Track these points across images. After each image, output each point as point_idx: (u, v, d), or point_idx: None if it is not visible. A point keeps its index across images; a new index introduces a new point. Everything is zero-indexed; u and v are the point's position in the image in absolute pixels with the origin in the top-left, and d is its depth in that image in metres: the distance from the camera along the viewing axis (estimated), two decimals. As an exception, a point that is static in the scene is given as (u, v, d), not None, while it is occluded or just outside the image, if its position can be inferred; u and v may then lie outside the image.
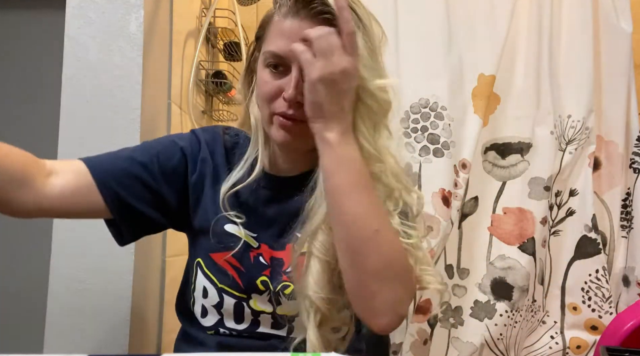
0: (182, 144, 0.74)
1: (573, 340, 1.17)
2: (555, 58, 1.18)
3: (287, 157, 0.73)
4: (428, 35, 1.15)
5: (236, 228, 0.71)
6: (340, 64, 0.56)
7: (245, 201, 0.72)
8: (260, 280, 0.71)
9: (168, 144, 0.74)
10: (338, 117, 0.58)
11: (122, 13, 0.96)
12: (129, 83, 0.94)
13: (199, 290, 0.73)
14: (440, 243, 1.12)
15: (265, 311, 0.71)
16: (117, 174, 0.68)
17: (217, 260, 0.72)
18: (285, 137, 0.66)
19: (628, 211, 1.21)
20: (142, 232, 0.73)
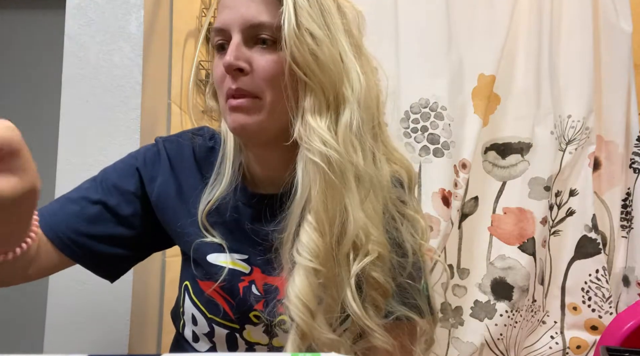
0: (137, 165, 0.67)
1: (573, 340, 1.17)
2: (555, 58, 1.18)
3: (259, 161, 0.64)
4: (428, 35, 1.15)
5: (220, 257, 0.64)
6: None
7: (229, 220, 0.65)
8: (253, 314, 0.64)
9: (125, 168, 0.67)
10: None
11: (122, 13, 0.96)
12: (129, 83, 0.94)
13: (187, 315, 0.68)
14: (440, 243, 1.12)
15: (261, 342, 0.65)
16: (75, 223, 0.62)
17: (204, 289, 0.65)
18: (235, 121, 0.57)
19: (628, 211, 1.21)
20: (125, 267, 0.68)
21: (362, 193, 0.57)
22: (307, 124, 0.55)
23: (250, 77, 0.57)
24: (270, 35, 0.56)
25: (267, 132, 0.59)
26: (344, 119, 0.57)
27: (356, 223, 0.56)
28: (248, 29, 0.57)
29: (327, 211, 0.55)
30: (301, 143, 0.56)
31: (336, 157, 0.55)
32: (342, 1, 0.62)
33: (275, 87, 0.57)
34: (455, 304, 1.18)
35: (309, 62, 0.54)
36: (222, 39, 0.59)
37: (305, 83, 0.56)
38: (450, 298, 1.18)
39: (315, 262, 0.54)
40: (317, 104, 0.56)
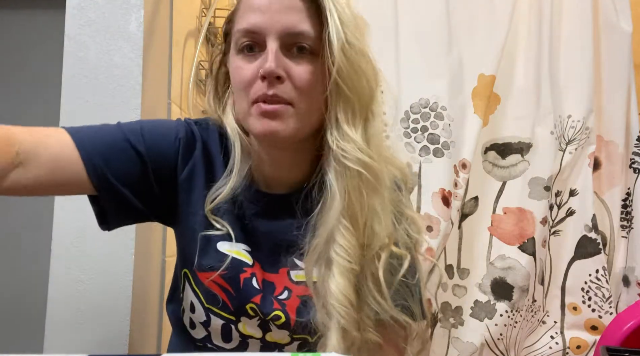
0: (179, 135, 0.66)
1: (573, 340, 1.17)
2: (555, 58, 1.18)
3: (272, 162, 0.65)
4: (428, 35, 1.15)
5: (225, 245, 0.65)
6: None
7: (237, 214, 0.66)
8: (249, 306, 0.65)
9: (164, 130, 0.67)
10: None
11: (122, 13, 0.96)
12: (129, 83, 0.94)
13: (186, 303, 0.68)
14: (440, 243, 1.12)
15: (254, 336, 0.66)
16: (104, 151, 0.61)
17: (203, 279, 0.65)
18: (267, 126, 0.58)
19: (628, 211, 1.21)
20: (126, 219, 0.67)
21: (385, 195, 0.60)
22: (344, 133, 0.57)
23: (286, 85, 0.57)
24: (310, 45, 0.58)
25: (294, 139, 0.60)
26: (373, 128, 0.60)
27: (384, 224, 0.59)
28: (286, 37, 0.57)
29: (362, 215, 0.58)
30: (336, 150, 0.58)
31: (372, 163, 0.58)
32: (361, 20, 0.63)
33: (309, 96, 0.58)
34: (455, 304, 1.18)
35: (352, 76, 0.57)
36: (251, 41, 0.59)
37: (346, 95, 0.57)
38: (450, 298, 1.18)
39: (353, 263, 0.57)
40: (351, 113, 0.58)
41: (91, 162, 0.60)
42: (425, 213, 1.12)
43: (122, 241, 0.90)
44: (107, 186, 0.61)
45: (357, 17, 0.60)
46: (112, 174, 0.61)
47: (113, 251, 0.89)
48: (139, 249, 0.92)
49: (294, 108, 0.58)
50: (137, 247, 0.91)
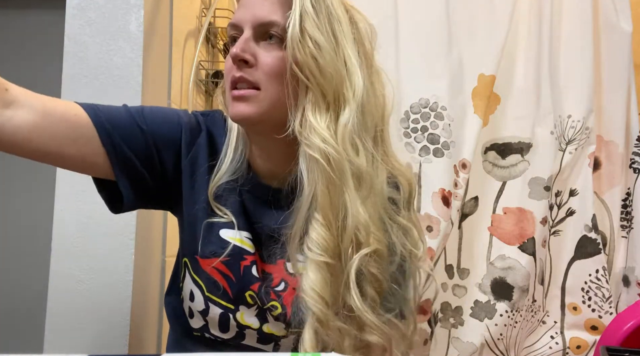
0: (184, 120, 0.69)
1: (573, 340, 1.17)
2: (555, 58, 1.18)
3: (262, 152, 0.68)
4: (428, 35, 1.15)
5: (229, 232, 0.66)
6: None
7: (238, 202, 0.68)
8: (249, 294, 0.66)
9: (166, 114, 0.69)
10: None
11: (122, 13, 0.96)
12: (129, 83, 0.94)
13: (186, 292, 0.69)
14: (440, 243, 1.12)
15: (252, 326, 0.67)
16: (112, 120, 0.63)
17: (204, 266, 0.66)
18: (236, 109, 0.61)
19: (628, 211, 1.21)
20: (140, 199, 0.67)
21: (363, 191, 0.61)
22: (307, 121, 0.60)
23: (255, 69, 0.61)
24: (278, 33, 0.61)
25: (265, 123, 0.63)
26: (344, 118, 0.60)
27: (354, 219, 0.59)
28: (258, 26, 0.62)
29: (331, 207, 0.59)
30: (301, 139, 0.60)
31: (334, 155, 0.58)
32: (355, 13, 0.67)
33: (276, 81, 0.61)
34: (455, 304, 1.18)
35: (309, 64, 0.59)
36: (236, 34, 0.64)
37: (305, 84, 0.60)
38: (450, 298, 1.18)
39: (326, 256, 0.58)
40: (316, 103, 0.60)
41: (102, 125, 0.62)
42: (425, 213, 1.12)
43: (122, 240, 0.90)
44: (119, 150, 0.62)
45: (336, 9, 0.62)
46: (122, 141, 0.63)
47: (113, 251, 0.89)
48: (139, 249, 0.92)
49: (262, 92, 0.61)
50: (137, 247, 0.91)
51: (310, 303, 0.57)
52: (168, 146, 0.67)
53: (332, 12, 0.62)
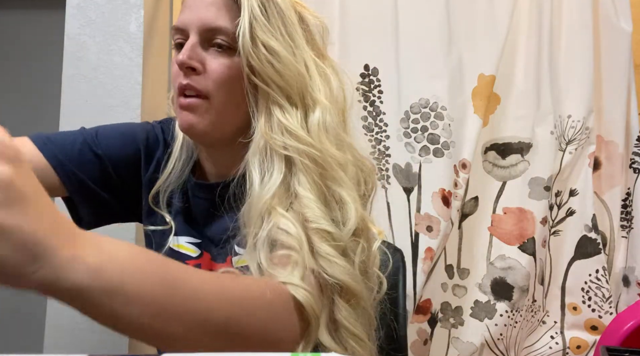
0: (141, 136, 0.69)
1: (573, 340, 1.17)
2: (555, 58, 1.18)
3: (210, 157, 0.67)
4: (428, 35, 1.15)
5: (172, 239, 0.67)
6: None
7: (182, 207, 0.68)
8: None
9: (125, 134, 0.69)
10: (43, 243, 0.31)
11: (122, 13, 0.96)
12: (129, 83, 0.94)
13: None
14: (440, 243, 1.12)
15: None
16: (70, 152, 0.64)
17: None
18: (184, 119, 0.59)
19: (628, 211, 1.21)
20: (101, 218, 0.69)
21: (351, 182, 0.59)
22: (278, 124, 0.57)
23: (202, 77, 0.59)
24: (226, 41, 0.59)
25: (214, 134, 0.61)
26: (315, 118, 0.59)
27: (357, 213, 0.57)
28: (205, 32, 0.59)
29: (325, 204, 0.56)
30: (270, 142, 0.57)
31: (316, 153, 0.57)
32: (304, 11, 0.64)
33: (225, 89, 0.60)
34: (455, 304, 1.18)
35: (267, 71, 0.57)
36: (181, 38, 0.61)
37: (265, 89, 0.58)
38: (450, 298, 1.18)
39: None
40: (283, 106, 0.58)
41: (55, 157, 0.62)
42: (425, 213, 1.12)
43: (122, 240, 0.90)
44: (74, 180, 0.63)
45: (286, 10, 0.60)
46: (77, 169, 0.64)
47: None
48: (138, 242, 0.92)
49: (210, 101, 0.59)
50: (137, 239, 0.91)
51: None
52: (126, 166, 0.68)
53: (284, 14, 0.60)
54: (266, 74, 0.57)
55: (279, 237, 0.54)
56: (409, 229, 1.13)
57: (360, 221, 0.58)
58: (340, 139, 0.61)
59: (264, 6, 0.58)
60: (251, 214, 0.56)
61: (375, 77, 1.18)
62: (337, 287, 0.54)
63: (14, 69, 1.50)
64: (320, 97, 0.60)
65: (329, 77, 0.63)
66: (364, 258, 0.58)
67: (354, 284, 0.54)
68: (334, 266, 0.53)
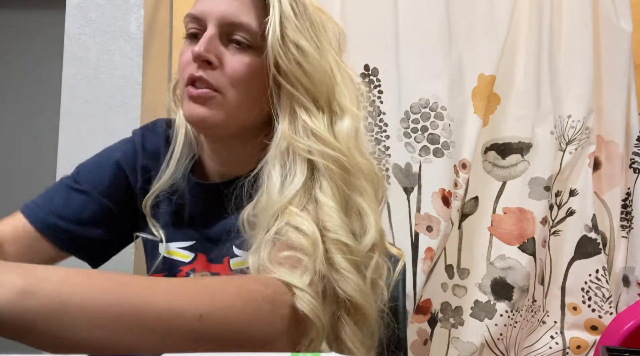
0: (116, 157, 0.68)
1: (573, 340, 1.17)
2: (555, 58, 1.18)
3: (216, 156, 0.65)
4: (428, 35, 1.15)
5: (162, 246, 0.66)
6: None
7: (176, 209, 0.66)
8: None
9: (102, 161, 0.69)
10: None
11: (122, 13, 0.96)
12: (129, 83, 0.94)
13: None
14: (440, 243, 1.12)
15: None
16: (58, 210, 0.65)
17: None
18: (193, 111, 0.57)
19: (628, 211, 1.21)
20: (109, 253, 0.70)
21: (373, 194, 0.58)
22: (303, 127, 0.56)
23: (217, 72, 0.57)
24: (246, 38, 0.57)
25: (224, 129, 0.59)
26: (345, 124, 0.57)
27: (377, 226, 0.56)
28: (225, 26, 0.57)
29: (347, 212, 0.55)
30: (295, 144, 0.56)
31: (343, 159, 0.55)
32: (324, 16, 0.63)
33: (240, 88, 0.57)
34: (455, 304, 1.18)
35: (294, 72, 0.55)
36: (196, 28, 0.58)
37: (290, 90, 0.56)
38: (450, 298, 1.18)
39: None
40: (310, 110, 0.56)
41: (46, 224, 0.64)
42: (425, 213, 1.12)
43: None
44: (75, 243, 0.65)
45: (313, 12, 0.59)
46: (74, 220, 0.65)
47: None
48: (138, 249, 0.92)
49: (222, 96, 0.57)
50: (137, 247, 0.91)
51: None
52: (116, 189, 0.68)
53: (312, 15, 0.58)
54: (293, 75, 0.55)
55: (290, 235, 0.50)
56: (409, 229, 1.13)
57: (379, 235, 0.56)
58: (364, 148, 0.60)
59: (293, 5, 0.56)
60: (264, 216, 0.54)
61: (375, 77, 1.18)
62: (347, 304, 0.51)
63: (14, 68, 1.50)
64: (347, 104, 0.58)
65: (353, 83, 0.62)
66: (376, 276, 0.56)
67: (364, 304, 0.52)
68: (347, 282, 0.50)
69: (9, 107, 1.50)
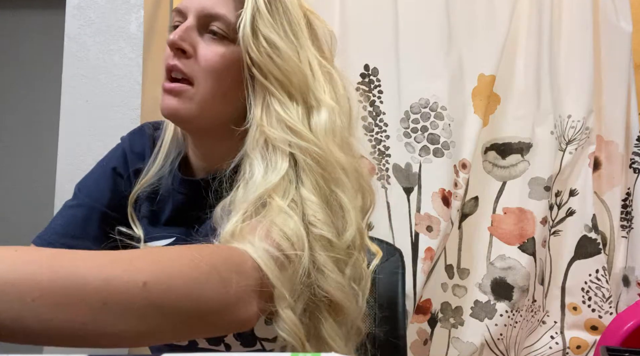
0: (112, 165, 0.70)
1: (573, 340, 1.17)
2: (555, 58, 1.18)
3: (198, 150, 0.66)
4: (428, 35, 1.15)
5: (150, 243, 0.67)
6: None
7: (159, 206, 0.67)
8: None
9: (99, 173, 0.71)
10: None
11: (122, 13, 0.96)
12: (129, 83, 0.94)
13: None
14: (440, 243, 1.13)
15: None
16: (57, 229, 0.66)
17: None
18: (167, 103, 0.58)
19: (628, 211, 1.21)
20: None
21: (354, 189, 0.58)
22: (277, 118, 0.56)
23: (192, 61, 0.58)
24: (222, 29, 0.58)
25: (200, 121, 0.60)
26: (322, 117, 0.58)
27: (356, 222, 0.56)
28: (203, 17, 0.59)
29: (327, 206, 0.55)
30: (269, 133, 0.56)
31: (318, 152, 0.55)
32: (314, 18, 0.64)
33: (213, 78, 0.58)
34: (455, 304, 1.18)
35: (266, 64, 0.57)
36: (179, 21, 0.60)
37: (262, 82, 0.57)
38: (450, 298, 1.18)
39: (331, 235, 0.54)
40: (283, 102, 0.57)
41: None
42: (425, 213, 1.12)
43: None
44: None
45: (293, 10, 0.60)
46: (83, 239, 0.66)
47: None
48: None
49: (194, 88, 0.58)
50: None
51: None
52: (117, 197, 0.69)
53: (290, 13, 0.59)
54: (265, 67, 0.56)
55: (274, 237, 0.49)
56: (409, 229, 1.13)
57: (358, 232, 0.56)
58: (347, 145, 0.60)
59: (269, 2, 0.58)
60: (242, 201, 0.53)
61: (375, 77, 1.18)
62: (326, 301, 0.51)
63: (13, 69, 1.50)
64: (325, 97, 0.59)
65: (335, 81, 0.62)
66: (356, 274, 0.56)
67: (344, 301, 0.52)
68: (327, 280, 0.51)
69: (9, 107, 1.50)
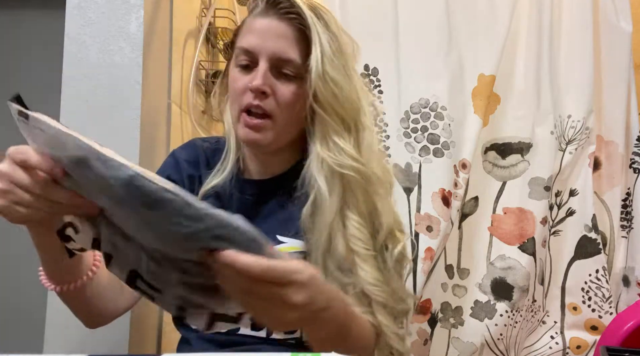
0: (166, 174, 0.76)
1: (573, 340, 1.17)
2: (555, 58, 1.18)
3: (256, 158, 0.76)
4: (428, 35, 1.15)
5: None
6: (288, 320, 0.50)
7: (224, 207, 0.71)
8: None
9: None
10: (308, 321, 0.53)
11: (122, 13, 0.96)
12: (129, 83, 0.94)
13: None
14: (440, 243, 1.12)
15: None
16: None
17: None
18: (249, 136, 0.69)
19: (628, 211, 1.21)
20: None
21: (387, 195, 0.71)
22: (333, 144, 0.68)
23: (270, 100, 0.68)
24: (292, 71, 0.68)
25: (273, 146, 0.71)
26: (366, 141, 0.70)
27: (387, 219, 0.69)
28: (275, 60, 0.68)
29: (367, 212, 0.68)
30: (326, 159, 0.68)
31: (364, 170, 0.68)
32: (346, 37, 0.72)
33: (288, 112, 0.69)
34: (455, 304, 1.18)
35: (329, 100, 0.67)
36: (247, 60, 0.69)
37: (322, 116, 0.68)
38: (450, 298, 1.18)
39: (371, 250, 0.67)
40: (338, 130, 0.68)
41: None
42: (425, 213, 1.12)
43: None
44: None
45: (344, 43, 0.70)
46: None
47: (113, 251, 0.89)
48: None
49: (273, 121, 0.69)
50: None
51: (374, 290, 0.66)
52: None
53: (342, 48, 0.69)
54: (328, 104, 0.67)
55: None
56: (409, 229, 1.13)
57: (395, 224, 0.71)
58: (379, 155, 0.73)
59: (331, 43, 0.67)
60: (316, 221, 0.67)
61: (375, 77, 1.18)
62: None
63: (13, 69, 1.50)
64: (367, 121, 0.70)
65: (368, 96, 0.73)
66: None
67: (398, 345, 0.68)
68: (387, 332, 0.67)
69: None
